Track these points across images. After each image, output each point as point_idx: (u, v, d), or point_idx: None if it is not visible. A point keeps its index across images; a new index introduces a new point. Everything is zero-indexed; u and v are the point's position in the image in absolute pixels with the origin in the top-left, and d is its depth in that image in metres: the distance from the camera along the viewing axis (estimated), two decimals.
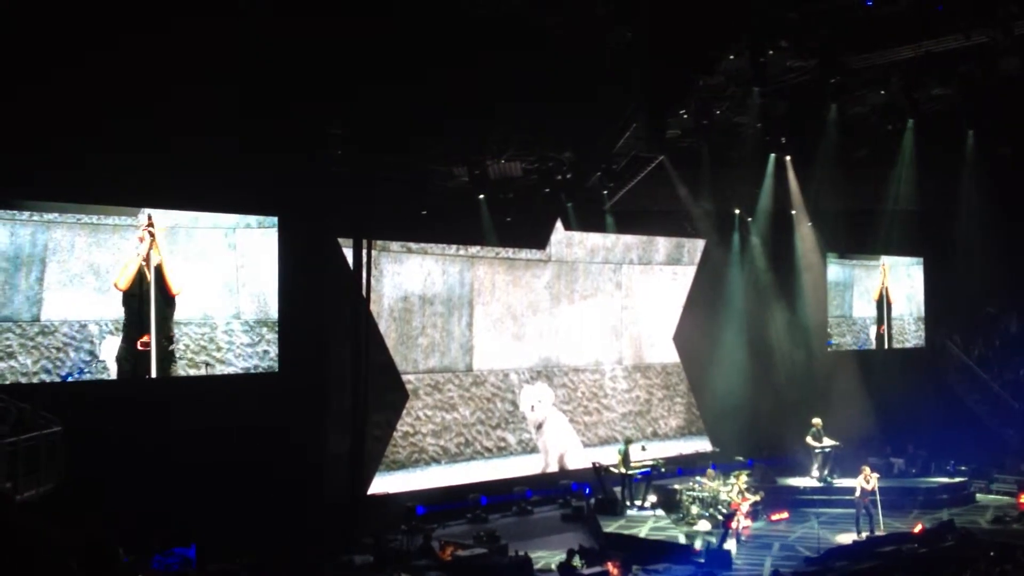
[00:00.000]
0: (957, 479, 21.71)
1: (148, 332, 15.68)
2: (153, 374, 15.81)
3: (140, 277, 15.67)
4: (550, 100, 17.19)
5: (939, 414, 24.68)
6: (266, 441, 16.48)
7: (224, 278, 17.19)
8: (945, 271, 27.31)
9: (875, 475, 18.23)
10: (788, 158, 22.69)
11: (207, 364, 16.60)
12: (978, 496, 21.46)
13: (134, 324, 15.39)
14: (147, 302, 15.56)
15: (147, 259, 15.78)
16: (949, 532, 17.23)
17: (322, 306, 18.58)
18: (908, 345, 28.27)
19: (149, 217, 15.88)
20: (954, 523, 17.82)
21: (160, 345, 15.79)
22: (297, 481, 17.19)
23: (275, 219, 17.83)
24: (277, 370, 17.70)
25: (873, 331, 27.56)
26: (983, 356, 27.55)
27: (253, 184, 16.98)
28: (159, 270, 15.87)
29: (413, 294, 20.41)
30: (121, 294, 15.51)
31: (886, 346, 27.51)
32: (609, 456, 21.54)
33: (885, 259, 27.53)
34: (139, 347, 15.57)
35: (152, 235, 15.81)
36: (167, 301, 15.96)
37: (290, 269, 17.91)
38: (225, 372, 17.04)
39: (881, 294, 27.60)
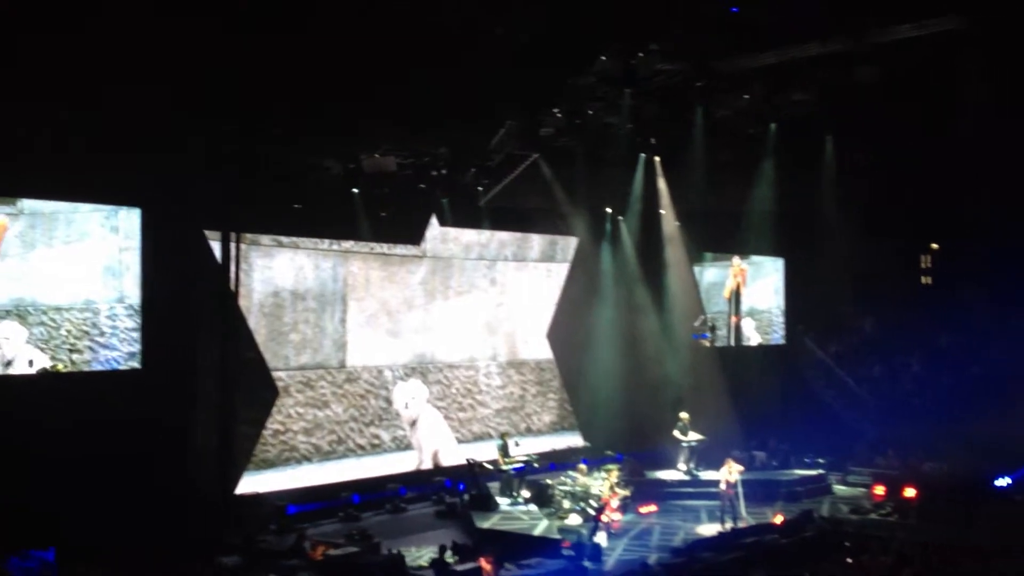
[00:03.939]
0: (815, 471, 22.54)
1: None
2: None
3: None
4: (425, 94, 17.13)
5: (798, 409, 25.60)
6: (130, 440, 15.96)
7: (106, 262, 16.97)
8: (805, 271, 28.39)
9: (738, 467, 18.78)
10: (657, 159, 23.24)
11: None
12: (835, 488, 22.25)
13: None
14: None
15: None
16: (808, 523, 17.92)
17: (187, 302, 18.01)
18: (776, 337, 29.24)
19: None
20: (813, 514, 18.53)
21: None
22: (163, 481, 16.63)
23: None
24: (138, 367, 17.17)
25: (746, 324, 28.42)
26: (840, 354, 28.72)
27: (114, 174, 16.37)
28: None
29: (284, 289, 20.02)
30: None
31: (733, 340, 28.10)
32: (483, 452, 21.65)
33: (737, 259, 28.25)
34: None
35: None
36: None
37: (154, 263, 17.34)
38: (108, 355, 16.86)
39: (732, 292, 28.30)
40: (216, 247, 18.61)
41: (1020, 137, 25.32)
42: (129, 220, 17.18)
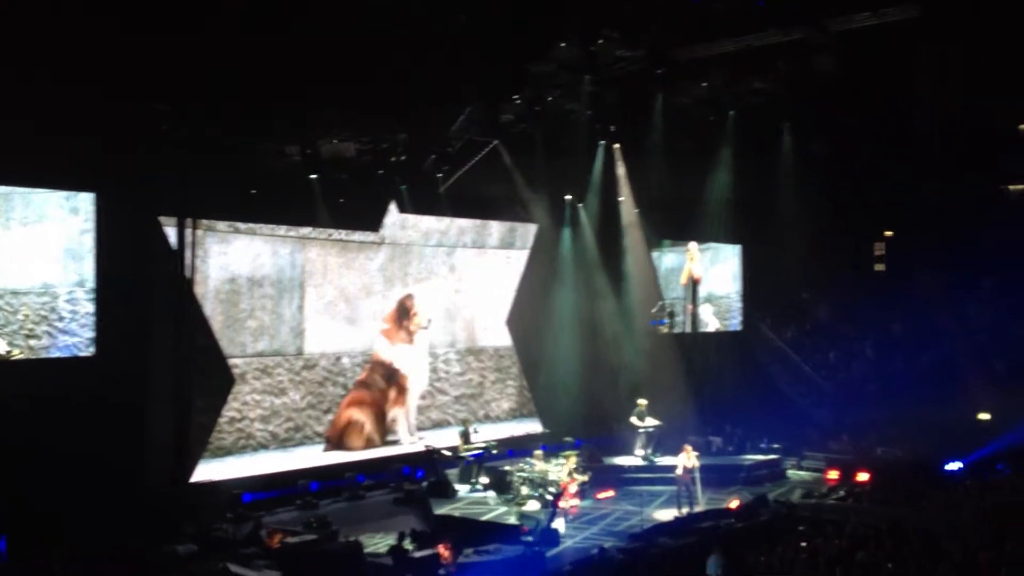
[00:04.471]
0: (770, 456, 22.79)
1: None
2: None
3: None
4: (386, 81, 17.03)
5: (755, 395, 25.86)
6: (84, 428, 15.73)
7: (67, 244, 16.65)
8: (762, 258, 28.63)
9: (695, 453, 18.93)
10: (617, 146, 23.31)
11: None
12: (789, 473, 22.55)
13: None
14: None
15: None
16: (763, 507, 18.13)
17: (142, 288, 17.75)
18: (733, 323, 29.45)
19: None
20: (767, 498, 18.74)
21: None
22: (117, 469, 16.43)
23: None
24: (93, 353, 16.92)
25: (704, 310, 28.55)
26: (795, 340, 29.04)
27: (68, 158, 16.07)
28: None
29: (241, 276, 19.79)
30: None
31: (690, 326, 28.12)
32: (442, 439, 21.64)
33: (693, 245, 28.29)
34: None
35: None
36: None
37: (108, 248, 17.05)
38: (68, 341, 16.55)
39: (688, 277, 28.30)
40: (171, 233, 18.35)
41: (974, 126, 25.78)
42: (90, 201, 16.88)
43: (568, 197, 25.36)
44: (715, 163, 24.50)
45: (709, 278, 28.49)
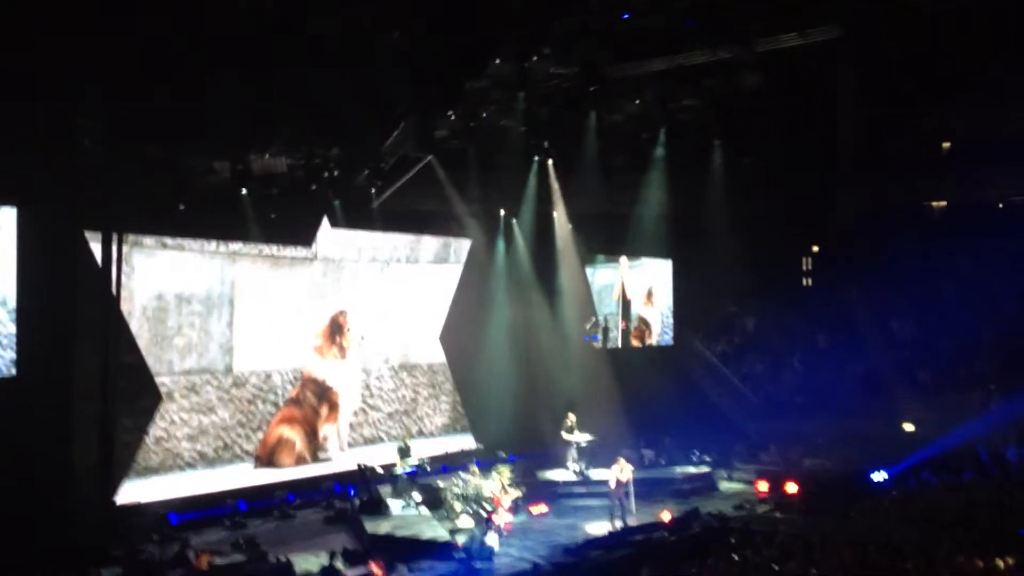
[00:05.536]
0: (702, 469, 23.01)
1: None
2: None
3: None
4: (319, 97, 16.92)
5: (688, 408, 26.13)
6: (6, 451, 15.39)
7: None
8: (693, 273, 29.03)
9: (629, 466, 19.03)
10: (550, 162, 23.46)
11: None
12: (721, 484, 22.76)
13: None
14: None
15: None
16: (695, 520, 18.31)
17: (66, 305, 17.30)
18: (666, 338, 29.76)
19: None
20: (699, 511, 18.91)
21: None
22: (41, 492, 15.98)
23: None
24: (15, 374, 16.43)
25: (652, 315, 28.82)
26: (725, 353, 29.45)
27: None
28: None
29: (168, 292, 19.41)
30: None
31: (620, 343, 28.39)
32: (375, 456, 21.46)
33: (624, 260, 28.61)
34: None
35: None
36: None
37: (31, 265, 16.58)
38: None
39: (621, 293, 28.64)
40: (96, 248, 17.94)
41: (895, 142, 26.52)
42: (12, 217, 16.34)
43: (502, 212, 25.42)
44: (647, 179, 24.78)
45: (640, 293, 28.82)
